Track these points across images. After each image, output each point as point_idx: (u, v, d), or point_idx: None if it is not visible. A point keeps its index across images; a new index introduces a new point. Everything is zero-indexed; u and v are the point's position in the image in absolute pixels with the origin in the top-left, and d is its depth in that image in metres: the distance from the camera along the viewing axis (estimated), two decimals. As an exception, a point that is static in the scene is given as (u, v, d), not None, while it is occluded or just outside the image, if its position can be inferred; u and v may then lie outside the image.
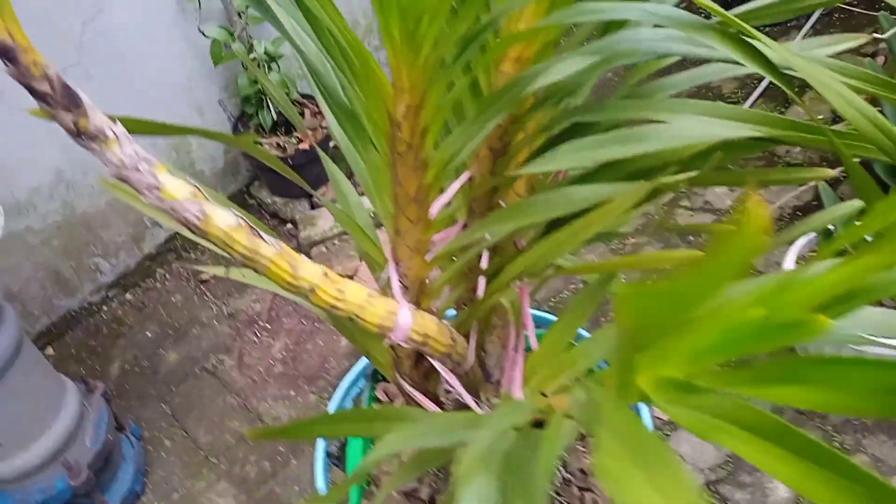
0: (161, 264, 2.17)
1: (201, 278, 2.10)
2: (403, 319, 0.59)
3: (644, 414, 0.93)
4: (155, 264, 2.16)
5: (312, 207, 2.21)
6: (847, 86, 0.43)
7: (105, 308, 2.06)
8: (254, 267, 0.54)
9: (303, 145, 2.11)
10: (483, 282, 0.73)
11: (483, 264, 0.73)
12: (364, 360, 1.03)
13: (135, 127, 0.53)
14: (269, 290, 0.75)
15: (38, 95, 0.48)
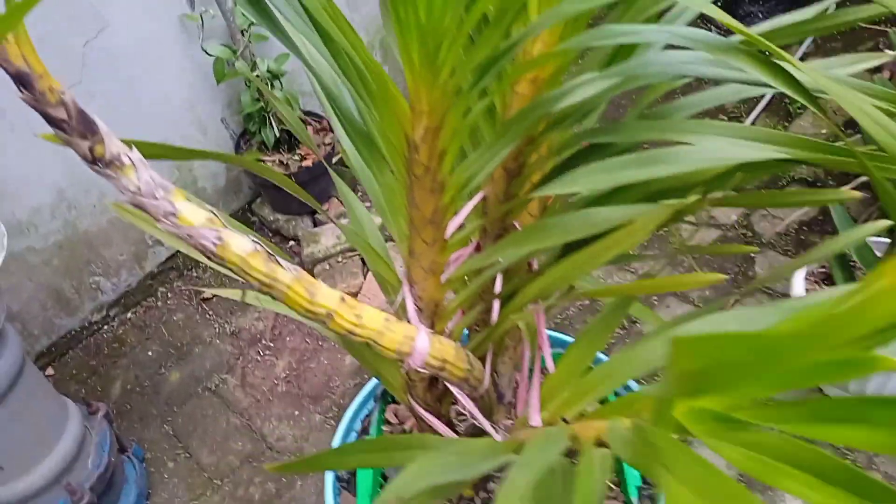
0: (163, 283, 2.16)
1: (203, 297, 2.09)
2: (421, 344, 0.58)
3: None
4: (156, 283, 2.15)
5: (315, 225, 2.20)
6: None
7: (106, 327, 2.05)
8: (270, 293, 0.53)
9: (306, 163, 2.10)
10: (497, 304, 0.72)
11: (497, 285, 0.73)
12: (373, 382, 1.02)
13: (147, 151, 0.52)
14: (272, 309, 0.73)
15: (53, 122, 0.47)
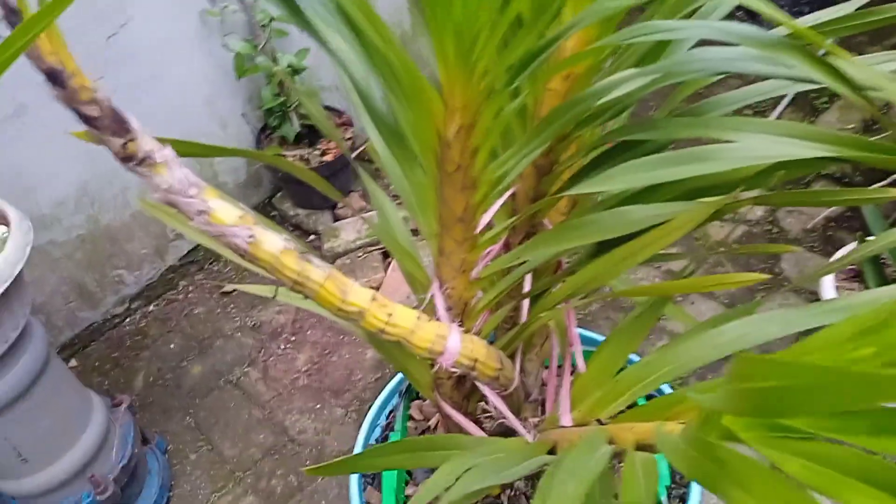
0: (184, 276, 2.17)
1: (224, 290, 2.10)
2: (453, 343, 0.57)
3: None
4: (178, 276, 2.16)
5: (335, 219, 2.20)
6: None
7: (128, 320, 2.06)
8: (302, 291, 0.53)
9: (326, 157, 2.10)
10: (527, 303, 0.71)
11: (526, 284, 0.72)
12: (398, 377, 1.01)
13: (179, 149, 0.52)
14: (294, 303, 0.73)
15: (86, 119, 0.47)
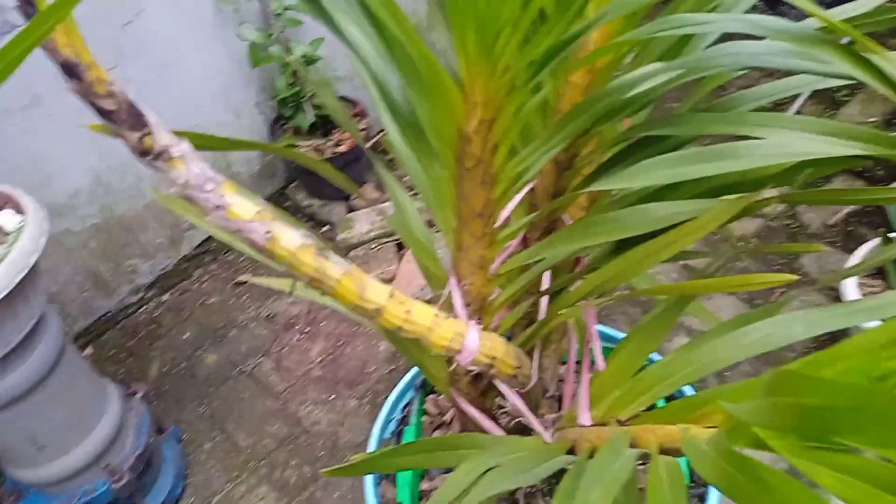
0: (198, 266, 2.17)
1: (237, 280, 2.10)
2: (472, 341, 0.56)
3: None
4: (192, 266, 2.17)
5: (349, 210, 2.19)
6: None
7: (142, 309, 2.07)
8: (319, 287, 0.52)
9: (340, 148, 2.09)
10: (545, 299, 0.70)
11: (545, 280, 0.71)
12: (413, 370, 1.01)
13: (195, 142, 0.51)
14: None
15: (102, 113, 0.46)
